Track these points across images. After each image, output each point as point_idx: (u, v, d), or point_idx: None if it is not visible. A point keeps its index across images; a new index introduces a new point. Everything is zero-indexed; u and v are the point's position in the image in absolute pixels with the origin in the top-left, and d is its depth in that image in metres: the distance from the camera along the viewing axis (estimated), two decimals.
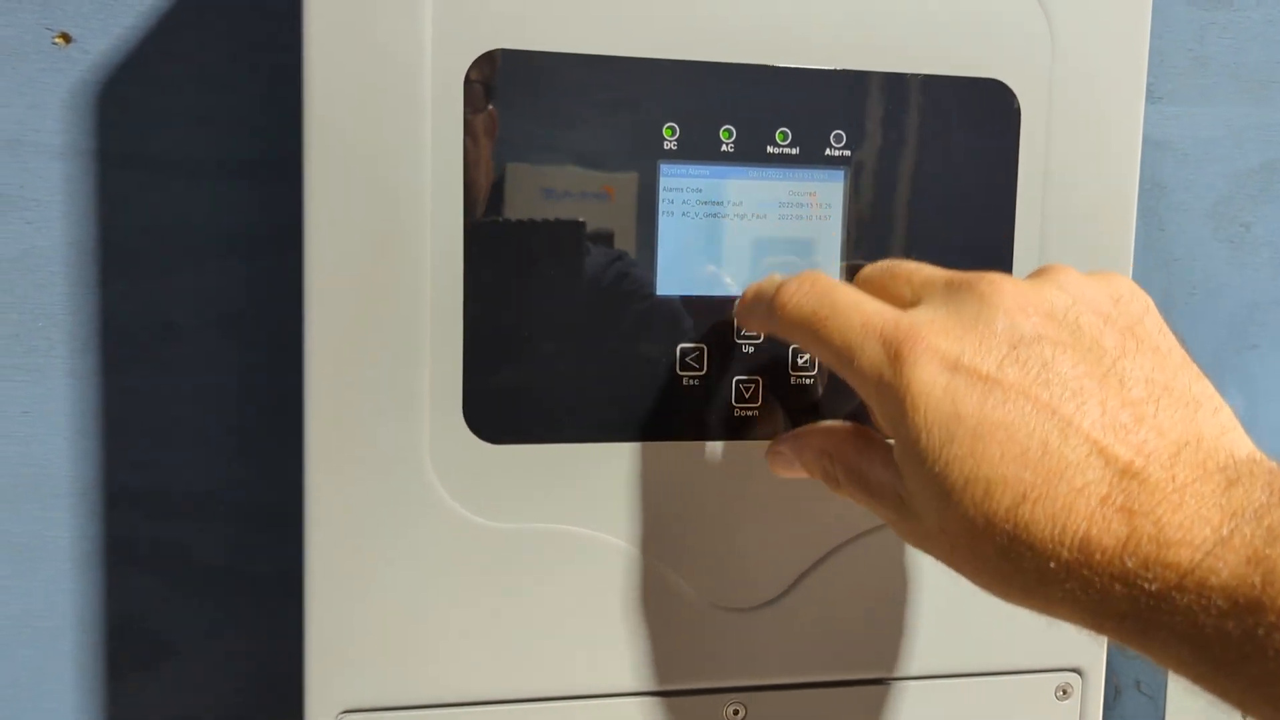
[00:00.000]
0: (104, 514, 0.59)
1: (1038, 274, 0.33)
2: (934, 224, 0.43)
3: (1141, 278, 0.69)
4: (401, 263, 0.39)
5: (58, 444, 0.58)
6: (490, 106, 0.39)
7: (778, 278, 0.36)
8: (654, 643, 0.42)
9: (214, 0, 0.57)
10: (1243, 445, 0.29)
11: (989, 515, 0.28)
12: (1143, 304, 0.32)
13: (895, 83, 0.42)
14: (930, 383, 0.29)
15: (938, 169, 0.43)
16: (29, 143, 0.57)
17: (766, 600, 0.43)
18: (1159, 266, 0.71)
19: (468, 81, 0.39)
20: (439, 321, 0.39)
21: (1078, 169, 0.44)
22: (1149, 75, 0.68)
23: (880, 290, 0.34)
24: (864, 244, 0.43)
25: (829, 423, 0.38)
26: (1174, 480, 0.27)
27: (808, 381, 0.43)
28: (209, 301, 0.58)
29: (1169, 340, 0.32)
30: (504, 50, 0.39)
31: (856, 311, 0.32)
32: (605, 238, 0.41)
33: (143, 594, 0.59)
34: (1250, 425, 0.67)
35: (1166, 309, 0.67)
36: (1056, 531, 0.27)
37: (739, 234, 0.42)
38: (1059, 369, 0.29)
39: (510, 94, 0.39)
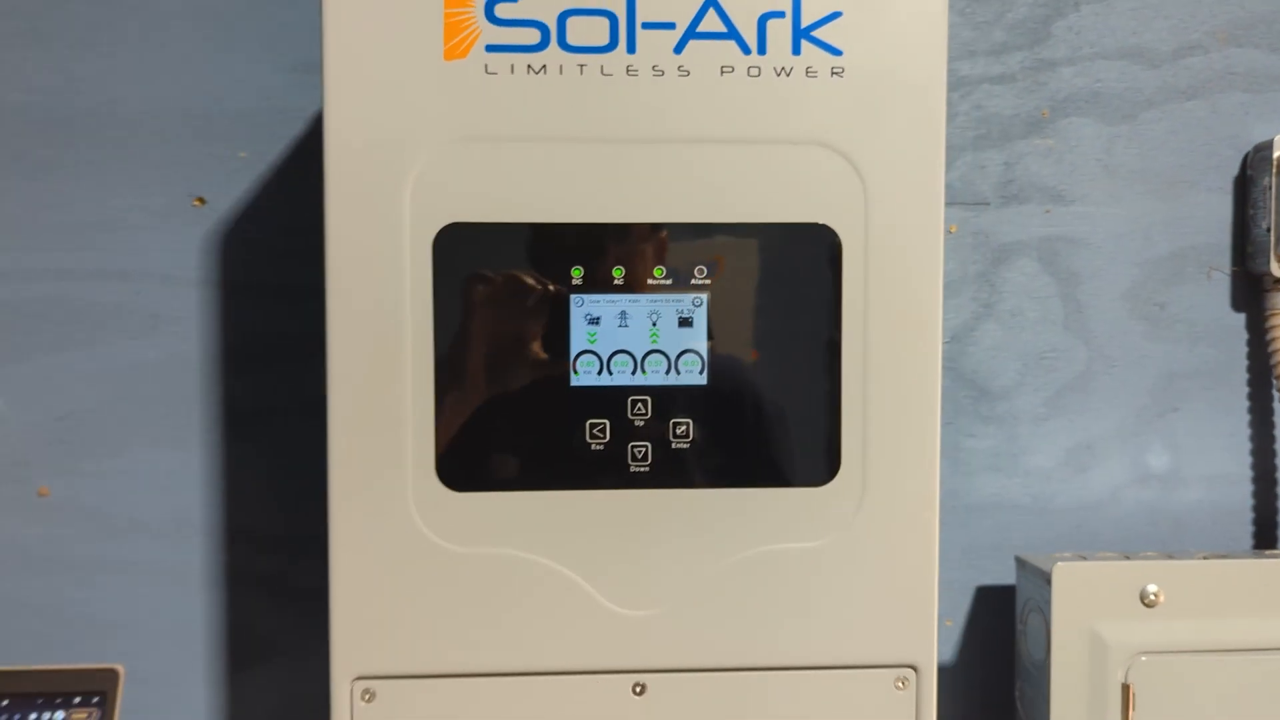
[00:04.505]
0: (225, 547, 0.80)
1: None
2: (777, 328, 0.59)
3: (1065, 353, 0.82)
4: (392, 373, 0.58)
5: (194, 495, 0.79)
6: (453, 260, 0.58)
7: None
8: (577, 635, 0.59)
9: (298, 177, 0.78)
10: None
11: None
12: None
13: (744, 229, 0.59)
14: None
15: (779, 288, 0.59)
16: (175, 277, 0.79)
17: (659, 606, 0.59)
18: (1080, 344, 0.83)
19: (435, 243, 0.58)
20: (418, 411, 0.58)
21: (890, 281, 0.59)
22: (1060, 183, 0.81)
23: None
24: (726, 341, 0.59)
25: None
26: None
27: (685, 447, 0.59)
28: (298, 392, 0.78)
29: None
30: (460, 222, 0.58)
31: None
32: (532, 347, 0.58)
33: (252, 608, 0.80)
34: (1176, 480, 0.79)
35: (1088, 380, 0.80)
36: None
37: (628, 342, 0.58)
38: None
39: (465, 250, 0.58)
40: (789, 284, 0.59)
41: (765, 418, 0.59)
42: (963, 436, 0.83)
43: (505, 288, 0.58)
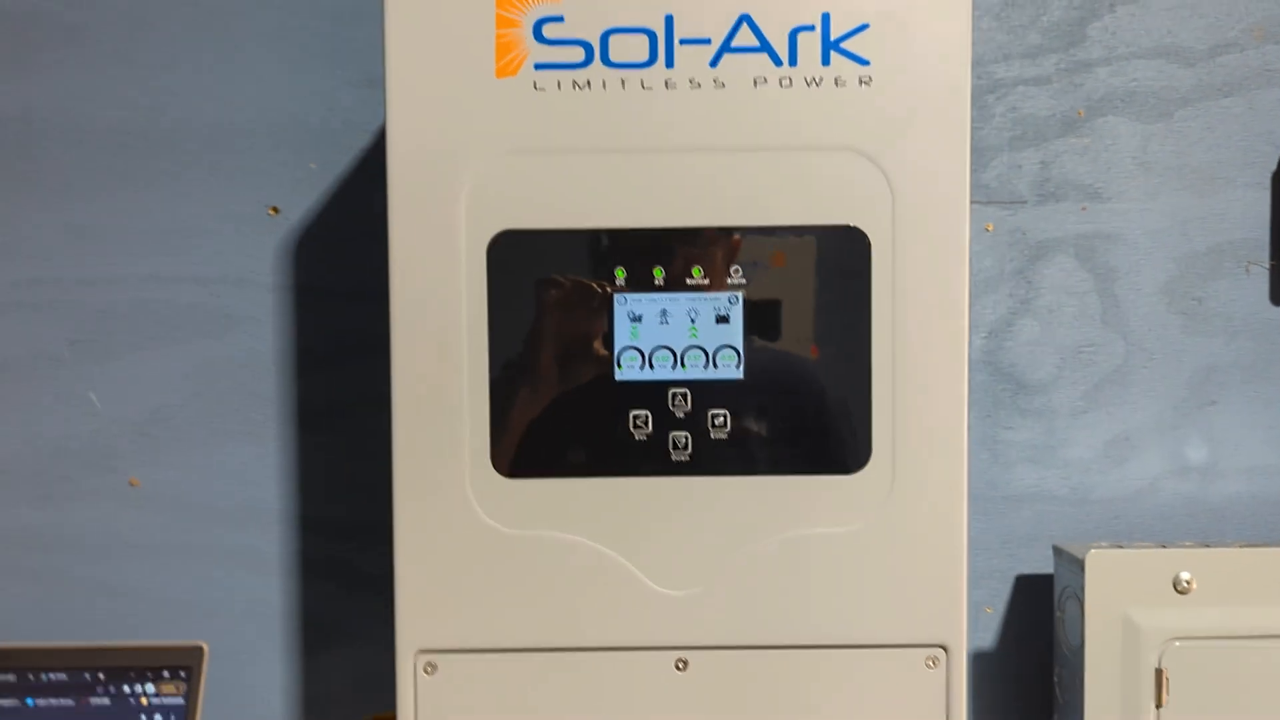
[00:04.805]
0: (299, 536, 0.85)
1: None
2: (809, 325, 0.62)
3: (1103, 347, 0.84)
4: (450, 369, 0.62)
5: (270, 486, 0.85)
6: (506, 265, 0.62)
7: None
8: (622, 613, 0.63)
9: (364, 187, 0.83)
10: None
11: None
12: None
13: (778, 231, 0.62)
14: None
15: (811, 287, 0.62)
16: (251, 281, 0.85)
17: (699, 586, 0.63)
18: (1118, 338, 0.85)
19: (489, 248, 0.62)
20: (474, 404, 0.62)
21: (917, 280, 0.62)
22: (1096, 180, 0.84)
23: None
24: (761, 338, 0.62)
25: None
26: None
27: (723, 436, 0.63)
28: (364, 388, 0.83)
29: None
30: (512, 229, 0.62)
31: None
32: (580, 343, 0.62)
33: (323, 593, 0.85)
34: (1215, 472, 0.81)
35: (1126, 373, 0.82)
36: None
37: (668, 338, 0.62)
38: None
39: (516, 254, 0.62)
40: (821, 283, 0.63)
41: (799, 409, 0.63)
42: (1001, 429, 0.85)
43: (554, 289, 0.62)
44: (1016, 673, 0.86)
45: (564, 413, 0.63)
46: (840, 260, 0.62)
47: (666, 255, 0.62)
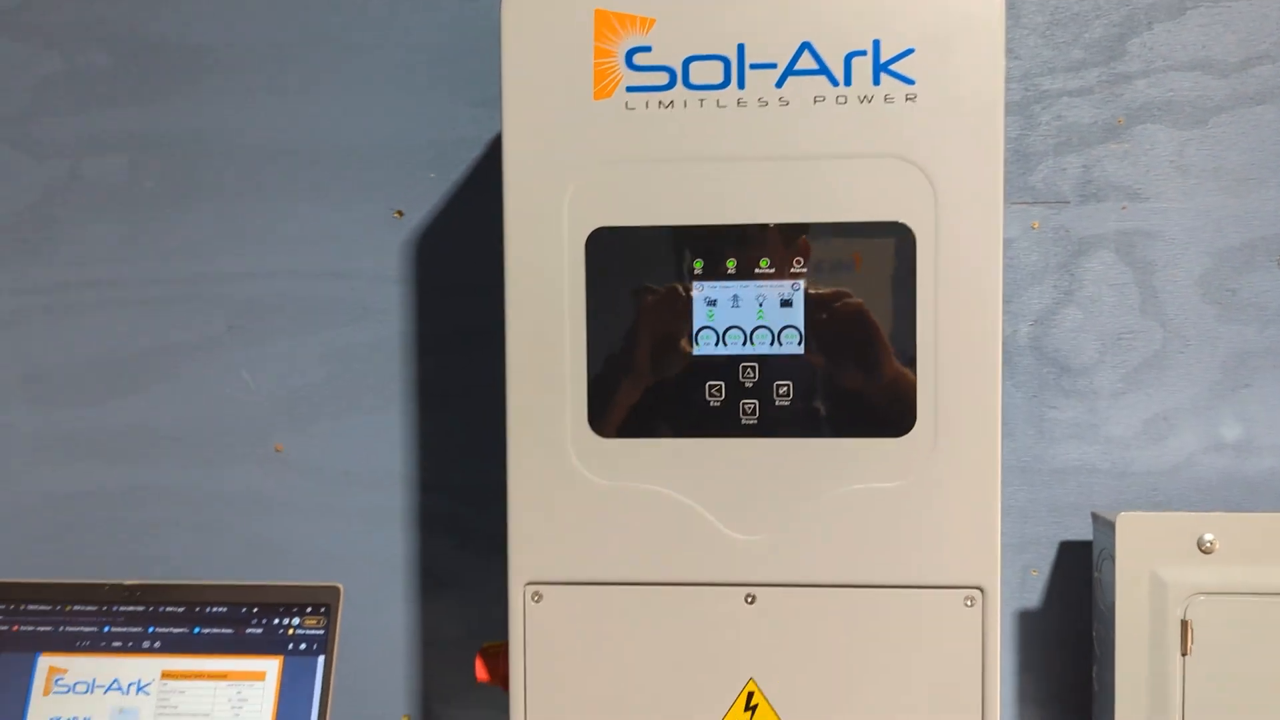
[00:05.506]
0: (418, 496, 0.98)
1: None
2: (862, 308, 0.72)
3: (1141, 334, 0.93)
4: (554, 345, 0.74)
5: (394, 454, 0.98)
6: (601, 257, 0.73)
7: None
8: (699, 554, 0.74)
9: (476, 194, 0.96)
10: None
11: None
12: None
13: (835, 227, 0.72)
14: None
15: (864, 275, 0.72)
16: (380, 276, 0.98)
17: (766, 532, 0.73)
18: (1155, 325, 0.93)
19: (587, 243, 0.74)
20: (574, 376, 0.74)
21: (957, 270, 0.72)
22: (1135, 182, 0.92)
23: None
24: (820, 319, 0.73)
25: None
26: None
27: (786, 404, 0.73)
28: (477, 369, 0.96)
29: None
30: (606, 226, 0.73)
31: None
32: (663, 323, 0.73)
33: (441, 547, 0.98)
34: (1248, 449, 0.89)
35: (1163, 358, 0.90)
36: None
37: (739, 319, 0.73)
38: None
39: (610, 248, 0.73)
40: (872, 272, 0.73)
41: (853, 381, 0.73)
42: (1046, 408, 0.94)
43: (642, 277, 0.74)
44: (1059, 629, 0.94)
45: (650, 383, 0.74)
46: (889, 252, 0.72)
47: (738, 248, 0.73)
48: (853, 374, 0.73)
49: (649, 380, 0.74)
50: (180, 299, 0.99)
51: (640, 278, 0.74)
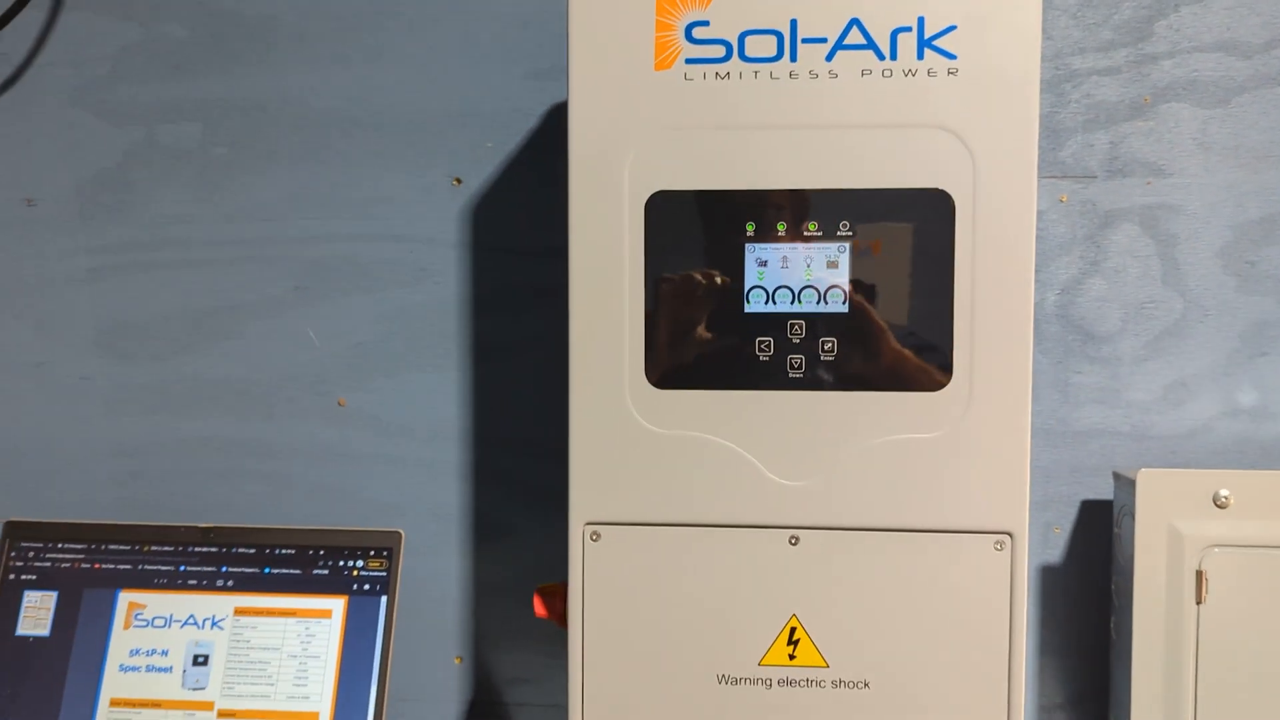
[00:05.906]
0: (474, 449, 1.03)
1: None
2: (904, 269, 0.77)
3: (1163, 304, 0.97)
4: (614, 302, 0.79)
5: (451, 409, 1.03)
6: (660, 219, 0.78)
7: None
8: (746, 498, 0.79)
9: (531, 162, 1.01)
10: None
11: None
12: None
13: (879, 193, 0.77)
14: None
15: (906, 238, 0.77)
16: (438, 240, 1.03)
17: (810, 479, 0.78)
18: (1176, 296, 0.98)
19: (646, 206, 0.79)
20: (632, 331, 0.79)
21: (993, 235, 0.77)
22: (1159, 158, 0.96)
23: None
24: (863, 280, 0.78)
25: None
26: None
27: (830, 359, 0.78)
28: (530, 329, 1.01)
29: None
30: (665, 190, 0.78)
31: None
32: (715, 282, 0.78)
33: (495, 497, 1.03)
34: (1265, 414, 0.94)
35: (1183, 327, 0.95)
36: None
37: (788, 279, 0.78)
38: None
39: (668, 211, 0.78)
40: (914, 235, 0.78)
41: (894, 338, 0.78)
42: (1070, 374, 0.99)
43: (697, 238, 0.79)
44: (1080, 585, 1.00)
45: (703, 338, 0.79)
46: (929, 217, 0.77)
47: (788, 212, 0.78)
48: (893, 332, 0.78)
49: (702, 335, 0.79)
50: (248, 259, 1.04)
51: (696, 239, 0.79)
